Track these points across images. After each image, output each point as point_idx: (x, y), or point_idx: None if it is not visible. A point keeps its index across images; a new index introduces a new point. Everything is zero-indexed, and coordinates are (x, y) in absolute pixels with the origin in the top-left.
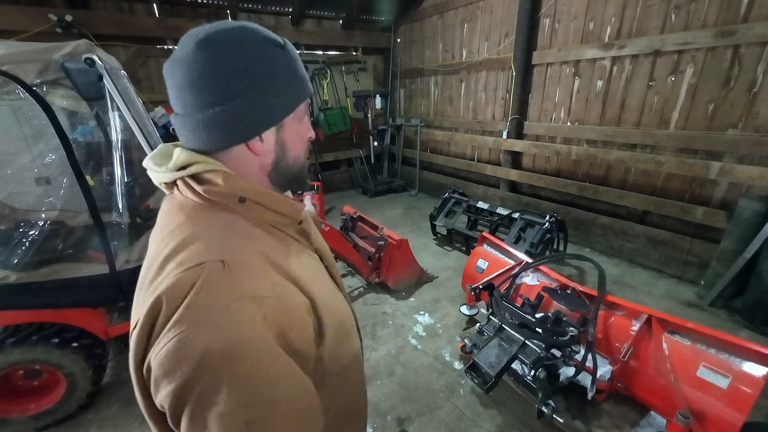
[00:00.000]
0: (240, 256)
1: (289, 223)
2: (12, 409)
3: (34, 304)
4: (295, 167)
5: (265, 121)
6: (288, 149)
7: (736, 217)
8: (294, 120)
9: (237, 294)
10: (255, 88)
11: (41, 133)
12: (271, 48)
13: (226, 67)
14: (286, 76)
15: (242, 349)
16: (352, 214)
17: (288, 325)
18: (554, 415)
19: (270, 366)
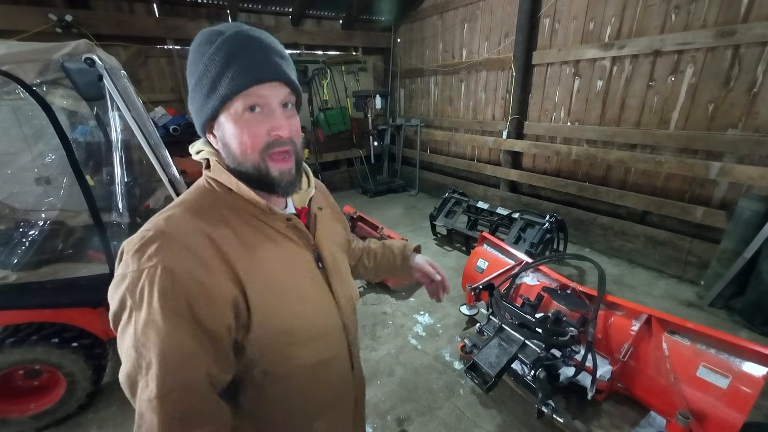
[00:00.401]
0: (185, 234)
1: (276, 219)
2: (12, 409)
3: (34, 304)
4: (247, 167)
5: (200, 117)
6: (229, 146)
7: (736, 217)
8: (232, 115)
9: (155, 260)
10: (193, 84)
11: (41, 133)
12: (204, 44)
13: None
14: (210, 71)
15: (130, 302)
16: (352, 214)
17: (199, 302)
18: (554, 415)
19: (145, 320)
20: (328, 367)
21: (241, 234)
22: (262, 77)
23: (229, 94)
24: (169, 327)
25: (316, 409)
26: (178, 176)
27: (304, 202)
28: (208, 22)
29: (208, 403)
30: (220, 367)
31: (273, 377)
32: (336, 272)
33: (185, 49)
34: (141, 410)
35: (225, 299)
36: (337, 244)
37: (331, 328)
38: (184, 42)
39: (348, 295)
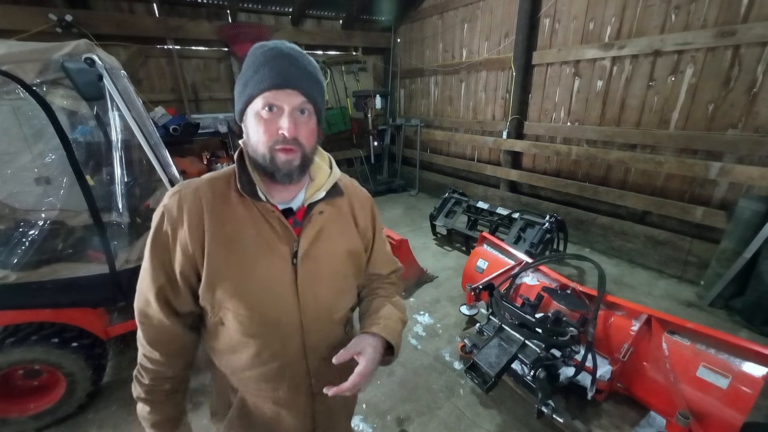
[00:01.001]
0: (186, 194)
1: (263, 205)
2: (12, 409)
3: (34, 304)
4: (257, 156)
5: (237, 106)
6: (248, 137)
7: (736, 217)
8: (253, 113)
9: (166, 202)
10: (236, 82)
11: (41, 133)
12: (250, 54)
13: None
14: (246, 75)
15: (154, 226)
16: None
17: (170, 244)
18: (554, 415)
19: (148, 241)
20: (269, 349)
21: (230, 207)
22: (278, 84)
23: (253, 94)
24: (150, 251)
25: (262, 379)
26: (178, 176)
27: (307, 202)
28: (208, 22)
29: (156, 316)
30: (176, 296)
31: (224, 327)
32: (311, 274)
33: (185, 49)
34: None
35: (184, 251)
36: (334, 250)
37: (282, 319)
38: (184, 42)
39: (322, 301)
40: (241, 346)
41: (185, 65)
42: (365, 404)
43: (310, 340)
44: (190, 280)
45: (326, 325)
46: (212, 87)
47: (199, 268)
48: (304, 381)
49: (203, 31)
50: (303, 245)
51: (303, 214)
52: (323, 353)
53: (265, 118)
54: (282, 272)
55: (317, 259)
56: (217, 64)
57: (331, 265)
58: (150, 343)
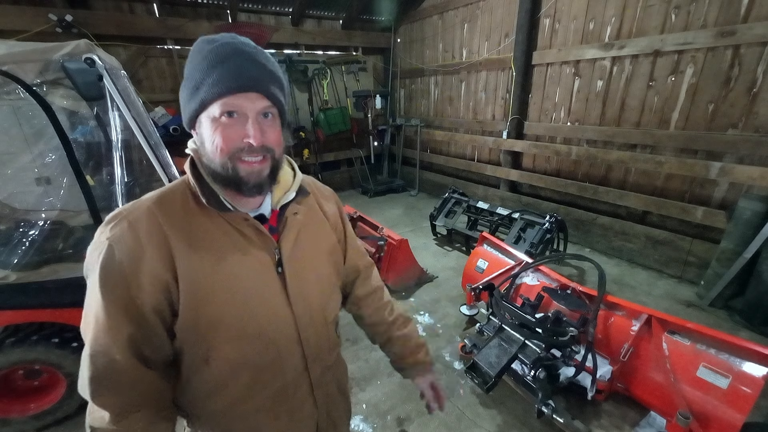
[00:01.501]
0: (137, 218)
1: (232, 216)
2: (12, 409)
3: (34, 304)
4: (215, 165)
5: (185, 115)
6: (203, 146)
7: (736, 217)
8: (209, 119)
9: (107, 235)
10: (182, 84)
11: (41, 133)
12: (195, 51)
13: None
14: (196, 76)
15: (89, 266)
16: (352, 214)
17: (131, 280)
18: (554, 415)
19: (91, 286)
20: (268, 371)
21: (195, 225)
22: (238, 87)
23: (207, 99)
24: (102, 298)
25: (258, 409)
26: (178, 176)
27: (278, 204)
28: (208, 22)
29: (130, 372)
30: (148, 343)
31: (208, 366)
32: (299, 276)
33: (185, 49)
34: (82, 359)
35: (154, 282)
36: (316, 249)
37: (277, 333)
38: (184, 42)
39: (314, 306)
40: (232, 380)
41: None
42: (365, 404)
43: (309, 349)
44: (164, 316)
45: (322, 329)
46: None
47: (173, 300)
48: (308, 397)
49: (203, 32)
50: (285, 251)
51: (276, 218)
52: (323, 360)
53: (225, 124)
54: (269, 283)
55: (301, 262)
56: None
57: (315, 266)
58: (123, 412)
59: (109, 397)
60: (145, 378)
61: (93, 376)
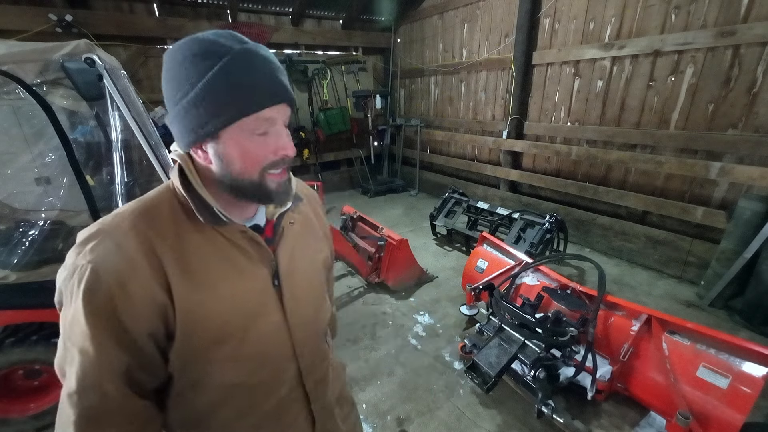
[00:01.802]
0: (121, 235)
1: (228, 229)
2: (12, 409)
3: (34, 304)
4: (243, 182)
5: (195, 132)
6: (229, 164)
7: (736, 217)
8: (236, 134)
9: (87, 258)
10: (186, 100)
11: (41, 133)
12: (198, 61)
13: (168, 76)
14: (217, 90)
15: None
16: (352, 214)
17: (122, 306)
18: (554, 415)
19: (72, 316)
20: (261, 389)
21: (186, 239)
22: (276, 100)
23: (239, 115)
24: (90, 327)
25: (251, 429)
26: None
27: (274, 215)
28: (208, 22)
29: (124, 405)
30: (144, 371)
31: (195, 391)
32: (295, 289)
33: None
34: (62, 400)
35: (150, 305)
36: (309, 259)
37: (272, 351)
38: None
39: (307, 315)
40: (225, 402)
41: None
42: (365, 404)
43: (304, 363)
44: (159, 341)
45: (315, 341)
46: None
47: (169, 322)
48: (302, 412)
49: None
50: (283, 263)
51: (272, 228)
52: (316, 372)
53: (259, 139)
54: (266, 297)
55: (298, 274)
56: None
57: (310, 276)
58: None
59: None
60: (139, 409)
61: (82, 415)
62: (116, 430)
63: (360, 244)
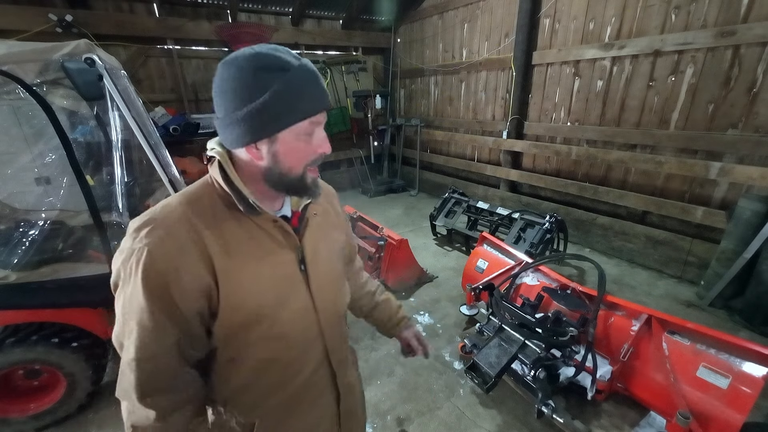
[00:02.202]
0: (172, 223)
1: (262, 218)
2: (12, 409)
3: (34, 304)
4: (290, 177)
5: (257, 134)
6: (280, 161)
7: (736, 217)
8: (291, 136)
9: (144, 242)
10: (252, 106)
11: (41, 133)
12: (265, 74)
13: (231, 86)
14: (282, 99)
15: (123, 274)
16: (352, 214)
17: (173, 285)
18: (554, 415)
19: (131, 293)
20: (292, 366)
21: (225, 227)
22: (324, 106)
23: (302, 117)
24: (147, 302)
25: (283, 402)
26: (178, 176)
27: (300, 206)
28: (208, 22)
29: (175, 373)
30: (192, 343)
31: (235, 364)
32: (319, 274)
33: (185, 49)
34: (123, 368)
35: (197, 285)
36: (329, 248)
37: (301, 331)
38: (184, 42)
39: (331, 299)
40: (260, 376)
41: (185, 65)
42: None
43: (329, 342)
44: (204, 318)
45: (337, 323)
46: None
47: (213, 301)
48: (328, 386)
49: (203, 31)
50: (308, 249)
51: (298, 218)
52: (339, 352)
53: (306, 139)
54: (295, 282)
55: (321, 260)
56: (217, 64)
57: (332, 263)
58: (169, 410)
59: (158, 397)
60: (189, 378)
61: (142, 379)
62: (171, 394)
63: (360, 244)
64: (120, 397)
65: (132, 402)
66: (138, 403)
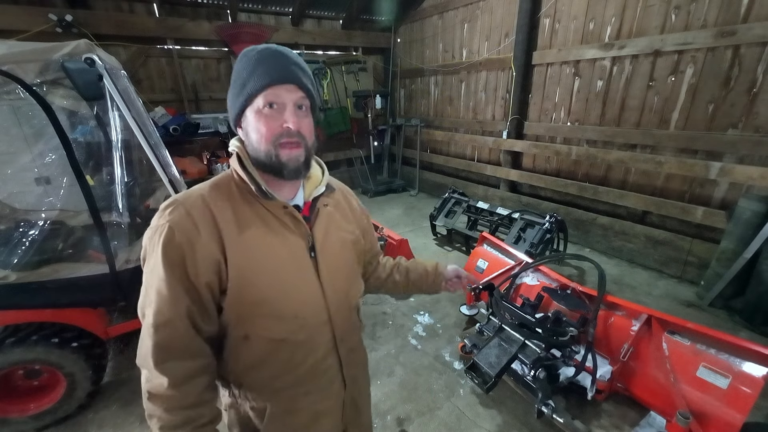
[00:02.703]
0: (191, 204)
1: (274, 204)
2: (12, 409)
3: (34, 304)
4: (261, 154)
5: (232, 112)
6: (251, 139)
7: (736, 217)
8: (251, 112)
9: (167, 219)
10: (230, 86)
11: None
12: (242, 57)
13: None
14: (242, 76)
15: (148, 248)
16: None
17: (188, 258)
18: (554, 415)
19: (153, 265)
20: (302, 349)
21: (239, 212)
22: (279, 80)
23: (253, 92)
24: (165, 272)
25: (293, 385)
26: (178, 176)
27: (310, 196)
28: (208, 22)
29: (190, 342)
30: (202, 316)
31: (248, 342)
32: (329, 262)
33: (185, 49)
34: (142, 335)
35: (209, 260)
36: (341, 239)
37: (310, 314)
38: (184, 42)
39: (341, 288)
40: (270, 356)
41: (185, 65)
42: None
43: (337, 329)
44: (214, 293)
45: (347, 312)
46: (212, 87)
47: (222, 278)
48: (337, 375)
49: (203, 31)
50: (318, 238)
51: (309, 209)
52: (348, 341)
53: (267, 114)
54: (305, 267)
55: (331, 249)
56: (217, 64)
57: (342, 253)
58: (182, 378)
59: (171, 362)
60: (201, 348)
61: (157, 344)
62: (183, 361)
63: None
64: (139, 365)
65: (149, 368)
66: (154, 370)
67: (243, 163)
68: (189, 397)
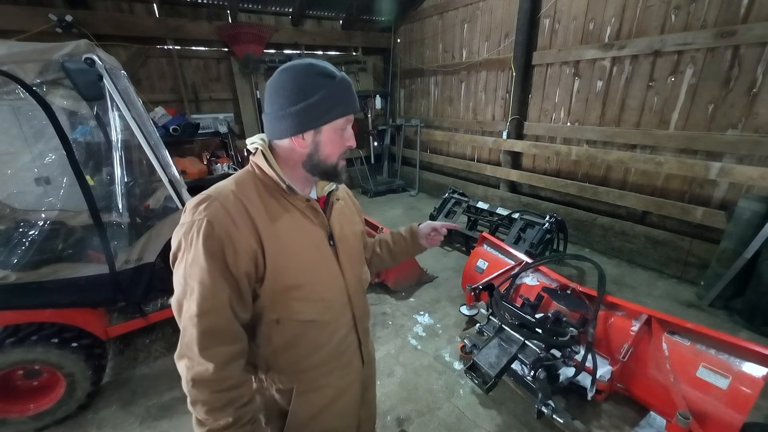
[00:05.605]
0: (225, 199)
1: (297, 198)
2: (12, 409)
3: (34, 304)
4: (326, 164)
5: (306, 126)
6: (321, 149)
7: (735, 217)
8: (331, 129)
9: (203, 214)
10: (305, 103)
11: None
12: (319, 78)
13: (287, 86)
14: (329, 99)
15: (184, 243)
16: None
17: (228, 249)
18: (554, 416)
19: (192, 258)
20: (328, 329)
21: (267, 204)
22: (356, 109)
23: (341, 116)
24: (207, 264)
25: (319, 364)
26: (178, 176)
27: (325, 192)
28: (208, 22)
29: (231, 327)
30: (240, 303)
31: (280, 325)
32: (346, 250)
33: (185, 49)
34: (184, 325)
35: (247, 251)
36: (352, 230)
37: (334, 296)
38: (184, 42)
39: (356, 274)
40: (300, 337)
41: (185, 65)
42: None
43: (356, 310)
44: (251, 281)
45: (361, 295)
46: (212, 87)
47: (260, 267)
48: (356, 352)
49: (203, 32)
50: (336, 228)
51: (323, 203)
52: (364, 321)
53: (342, 134)
54: (327, 254)
55: (346, 238)
56: (217, 64)
57: (354, 243)
58: (226, 361)
59: (217, 348)
60: (240, 333)
61: (203, 331)
62: (226, 346)
63: None
64: (180, 356)
65: (193, 356)
66: (199, 356)
67: (268, 161)
68: (231, 379)
